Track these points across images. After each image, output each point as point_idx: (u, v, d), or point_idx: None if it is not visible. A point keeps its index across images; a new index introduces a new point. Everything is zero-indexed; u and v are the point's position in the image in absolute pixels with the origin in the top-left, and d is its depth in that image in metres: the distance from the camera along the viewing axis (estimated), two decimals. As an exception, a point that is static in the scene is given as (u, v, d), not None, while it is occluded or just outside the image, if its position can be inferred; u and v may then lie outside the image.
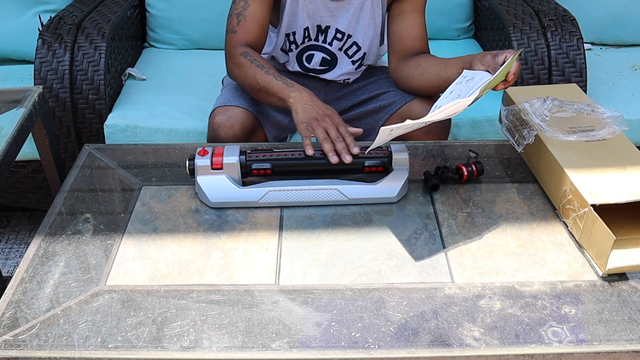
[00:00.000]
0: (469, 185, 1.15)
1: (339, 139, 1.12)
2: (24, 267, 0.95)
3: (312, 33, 1.44)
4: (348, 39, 1.45)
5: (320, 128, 1.15)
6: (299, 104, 1.21)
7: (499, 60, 1.17)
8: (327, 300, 0.89)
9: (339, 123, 1.17)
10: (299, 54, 1.48)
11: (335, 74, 1.51)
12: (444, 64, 1.32)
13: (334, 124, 1.16)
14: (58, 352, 0.80)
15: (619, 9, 2.05)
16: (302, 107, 1.21)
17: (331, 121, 1.16)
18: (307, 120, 1.18)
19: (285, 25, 1.43)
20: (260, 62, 1.32)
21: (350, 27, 1.43)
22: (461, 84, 1.18)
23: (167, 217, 1.07)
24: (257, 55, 1.34)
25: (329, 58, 1.48)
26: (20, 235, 1.94)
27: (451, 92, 1.17)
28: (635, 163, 1.04)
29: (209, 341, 0.82)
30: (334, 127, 1.15)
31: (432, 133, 1.41)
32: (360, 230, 1.03)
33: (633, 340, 0.83)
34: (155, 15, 2.05)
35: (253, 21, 1.36)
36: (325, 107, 1.22)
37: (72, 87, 1.62)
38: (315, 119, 1.17)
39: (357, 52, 1.47)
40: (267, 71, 1.29)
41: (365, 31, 1.44)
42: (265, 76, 1.28)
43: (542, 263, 0.96)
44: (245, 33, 1.36)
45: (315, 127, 1.15)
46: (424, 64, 1.37)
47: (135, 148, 1.28)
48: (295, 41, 1.45)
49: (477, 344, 0.82)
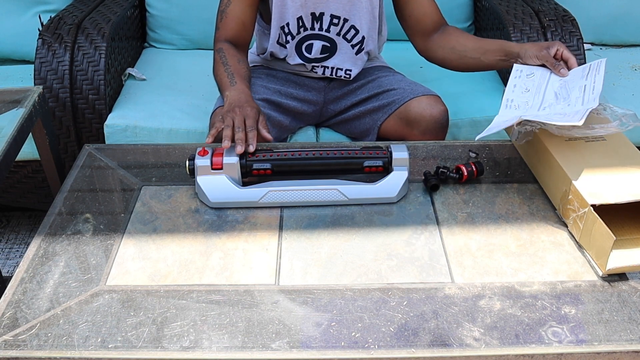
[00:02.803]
0: (469, 185, 1.15)
1: (239, 129, 1.14)
2: (24, 267, 0.95)
3: (307, 22, 1.44)
4: (345, 23, 1.45)
5: (229, 118, 1.17)
6: (227, 101, 1.25)
7: (551, 52, 1.24)
8: (327, 300, 0.89)
9: (248, 115, 1.18)
10: (298, 45, 1.48)
11: (337, 60, 1.51)
12: (483, 50, 1.38)
13: (241, 115, 1.18)
14: (58, 352, 0.80)
15: (619, 9, 2.05)
16: (227, 103, 1.24)
17: (240, 111, 1.18)
18: (222, 113, 1.21)
19: (277, 17, 1.43)
20: (227, 58, 1.36)
21: (346, 10, 1.44)
22: (522, 79, 1.25)
23: (167, 217, 1.07)
24: (230, 51, 1.38)
25: (328, 45, 1.48)
26: (20, 235, 1.94)
27: (514, 85, 1.23)
28: (635, 163, 1.04)
29: (209, 341, 0.82)
30: (240, 117, 1.17)
31: (430, 133, 1.41)
32: (360, 230, 1.03)
33: (633, 340, 0.83)
34: (155, 15, 2.05)
35: (233, 18, 1.40)
36: (245, 101, 1.23)
37: (72, 87, 1.62)
38: (228, 111, 1.20)
39: (356, 35, 1.47)
40: (226, 68, 1.34)
41: (362, 14, 1.45)
42: (222, 73, 1.34)
43: (542, 263, 0.96)
44: (225, 30, 1.41)
45: (225, 117, 1.18)
46: (459, 47, 1.41)
47: (135, 148, 1.28)
48: (291, 32, 1.45)
49: (477, 344, 0.82)
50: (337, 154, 1.12)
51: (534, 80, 1.24)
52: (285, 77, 1.55)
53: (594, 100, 1.10)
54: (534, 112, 1.16)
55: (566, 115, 1.10)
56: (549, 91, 1.21)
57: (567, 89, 1.19)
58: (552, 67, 1.24)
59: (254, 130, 1.14)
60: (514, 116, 1.14)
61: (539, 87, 1.22)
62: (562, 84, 1.22)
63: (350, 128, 1.57)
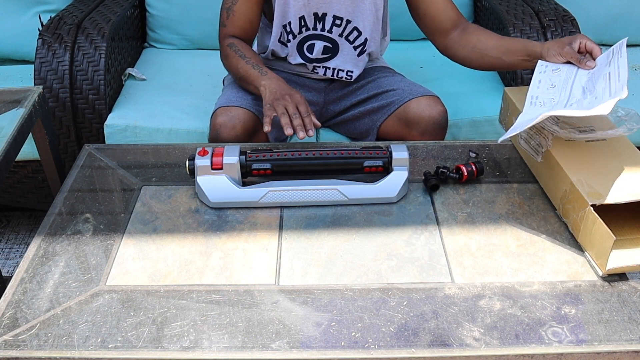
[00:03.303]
0: (469, 185, 1.15)
1: (295, 115, 1.21)
2: (24, 267, 0.95)
3: (309, 22, 1.44)
4: (348, 25, 1.45)
5: (281, 106, 1.23)
6: (267, 90, 1.29)
7: (575, 47, 1.20)
8: (327, 300, 0.89)
9: (299, 102, 1.25)
10: (299, 45, 1.48)
11: (339, 61, 1.50)
12: (505, 49, 1.35)
13: (293, 102, 1.24)
14: (58, 352, 0.80)
15: (619, 9, 2.05)
16: (269, 92, 1.28)
17: (291, 99, 1.24)
18: (270, 102, 1.26)
19: (279, 16, 1.43)
20: (243, 51, 1.39)
21: (349, 12, 1.43)
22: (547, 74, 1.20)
23: (167, 217, 1.07)
24: (242, 45, 1.41)
25: (330, 46, 1.48)
26: (20, 235, 1.94)
27: (539, 81, 1.18)
28: (636, 163, 1.04)
29: (209, 341, 0.82)
30: (293, 104, 1.23)
31: (429, 134, 1.41)
32: (360, 230, 1.03)
33: (633, 340, 0.83)
34: (155, 15, 2.05)
35: (240, 16, 1.42)
36: (289, 89, 1.29)
37: (72, 87, 1.62)
38: (277, 99, 1.25)
39: (359, 37, 1.47)
40: (247, 60, 1.37)
41: (366, 16, 1.44)
42: (245, 65, 1.37)
43: (542, 263, 0.96)
44: (233, 27, 1.43)
45: (276, 106, 1.23)
46: (480, 46, 1.39)
47: (135, 148, 1.28)
48: (292, 31, 1.45)
49: (477, 344, 0.82)
50: (337, 154, 1.12)
51: (560, 75, 1.18)
52: (286, 78, 1.55)
53: (621, 89, 1.03)
54: (560, 108, 1.10)
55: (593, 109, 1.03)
56: (576, 86, 1.15)
57: (593, 81, 1.13)
58: (577, 63, 1.19)
59: (309, 115, 1.21)
60: (538, 114, 1.07)
61: (566, 82, 1.17)
62: (590, 76, 1.16)
63: (350, 128, 1.57)
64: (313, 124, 1.22)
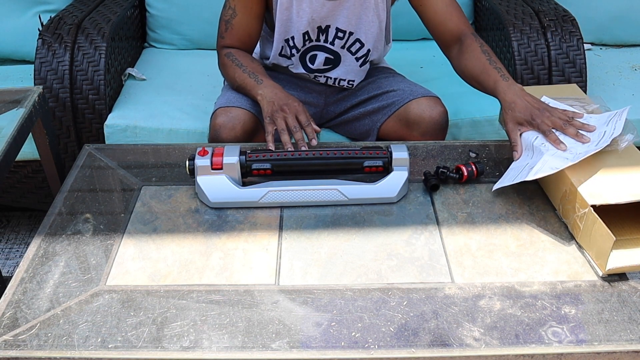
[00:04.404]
0: (469, 185, 1.15)
1: (296, 128, 1.19)
2: (24, 267, 0.95)
3: (313, 35, 1.43)
4: (350, 37, 1.44)
5: (280, 119, 1.21)
6: (264, 101, 1.27)
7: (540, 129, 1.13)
8: (327, 300, 0.89)
9: (298, 111, 1.22)
10: (302, 56, 1.48)
11: (340, 71, 1.50)
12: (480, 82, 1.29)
13: (292, 112, 1.21)
14: (58, 352, 0.80)
15: (619, 9, 2.05)
16: (266, 102, 1.26)
17: (290, 110, 1.22)
18: (269, 114, 1.23)
19: (281, 31, 1.42)
20: (240, 60, 1.38)
21: (351, 24, 1.42)
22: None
23: (167, 217, 1.07)
24: (240, 53, 1.40)
25: (332, 57, 1.47)
26: (20, 235, 1.94)
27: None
28: (635, 163, 1.04)
29: (209, 341, 0.82)
30: (292, 115, 1.21)
31: (429, 135, 1.41)
32: (360, 230, 1.03)
33: (633, 340, 0.83)
34: (155, 15, 2.05)
35: (239, 30, 1.40)
36: (286, 97, 1.26)
37: (72, 87, 1.62)
38: (275, 111, 1.23)
39: (361, 48, 1.46)
40: (244, 69, 1.36)
41: (369, 27, 1.43)
42: (241, 74, 1.35)
43: (542, 263, 0.96)
44: (232, 40, 1.42)
45: (276, 119, 1.21)
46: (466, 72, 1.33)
47: (135, 148, 1.28)
48: (296, 46, 1.44)
49: (477, 344, 0.82)
50: (337, 154, 1.12)
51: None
52: (287, 79, 1.54)
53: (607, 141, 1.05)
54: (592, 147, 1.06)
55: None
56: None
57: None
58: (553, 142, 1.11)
59: (310, 124, 1.19)
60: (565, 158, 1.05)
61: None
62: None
63: (350, 129, 1.57)
64: (314, 129, 1.21)
